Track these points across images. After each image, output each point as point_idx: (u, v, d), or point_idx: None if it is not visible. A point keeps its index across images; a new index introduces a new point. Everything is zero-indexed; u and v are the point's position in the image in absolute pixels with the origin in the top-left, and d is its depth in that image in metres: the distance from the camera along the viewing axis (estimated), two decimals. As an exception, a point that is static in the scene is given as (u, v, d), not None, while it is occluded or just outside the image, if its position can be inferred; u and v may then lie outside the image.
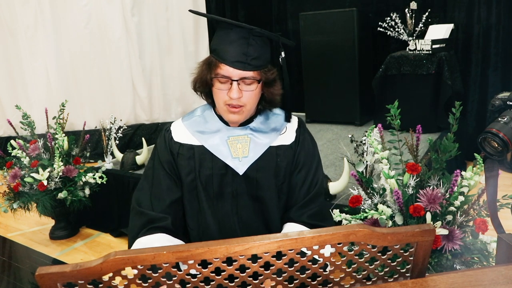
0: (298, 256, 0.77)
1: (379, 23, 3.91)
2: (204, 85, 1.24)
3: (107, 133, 3.31)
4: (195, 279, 0.76)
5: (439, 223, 1.52)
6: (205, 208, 1.25)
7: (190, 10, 1.31)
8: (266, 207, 1.25)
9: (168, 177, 1.26)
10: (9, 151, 2.78)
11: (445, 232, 1.49)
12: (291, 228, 1.23)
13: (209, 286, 0.77)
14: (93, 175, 2.85)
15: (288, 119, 1.30)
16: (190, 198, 1.27)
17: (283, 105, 1.31)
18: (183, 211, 1.28)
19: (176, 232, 1.21)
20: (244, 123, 1.28)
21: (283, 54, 1.23)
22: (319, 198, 1.30)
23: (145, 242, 1.16)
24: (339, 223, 1.62)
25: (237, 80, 1.17)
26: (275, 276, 0.79)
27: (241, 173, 1.24)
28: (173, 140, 1.28)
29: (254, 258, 0.75)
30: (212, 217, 1.25)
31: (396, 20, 3.83)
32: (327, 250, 0.77)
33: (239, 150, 1.25)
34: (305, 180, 1.28)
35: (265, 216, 1.26)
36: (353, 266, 0.81)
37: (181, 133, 1.29)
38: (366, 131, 1.86)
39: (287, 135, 1.30)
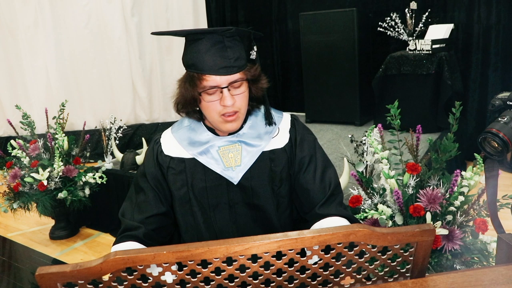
0: (298, 256, 0.77)
1: (379, 23, 3.92)
2: (190, 103, 1.19)
3: (107, 133, 3.31)
4: (195, 279, 0.76)
5: (439, 223, 1.52)
6: (200, 222, 1.22)
7: (152, 33, 1.23)
8: (265, 214, 1.22)
9: (151, 191, 1.23)
10: (9, 151, 2.79)
11: (445, 232, 1.49)
12: (330, 223, 1.17)
13: (209, 286, 0.77)
14: (93, 175, 2.85)
15: (270, 122, 1.25)
16: (183, 212, 1.24)
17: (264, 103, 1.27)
18: (165, 226, 1.25)
19: (147, 243, 1.18)
20: (234, 131, 1.24)
21: (255, 48, 1.20)
22: (338, 187, 1.26)
23: (118, 248, 1.15)
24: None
25: (226, 87, 1.13)
26: (275, 276, 0.79)
27: (235, 183, 1.21)
28: (163, 153, 1.25)
29: (254, 258, 0.75)
30: (207, 230, 1.22)
31: (396, 20, 3.83)
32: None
33: (231, 159, 1.21)
34: (315, 173, 1.24)
35: (264, 223, 1.23)
36: (353, 266, 0.81)
37: (171, 146, 1.25)
38: (366, 131, 1.86)
39: (280, 137, 1.26)
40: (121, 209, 1.27)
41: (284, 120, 1.29)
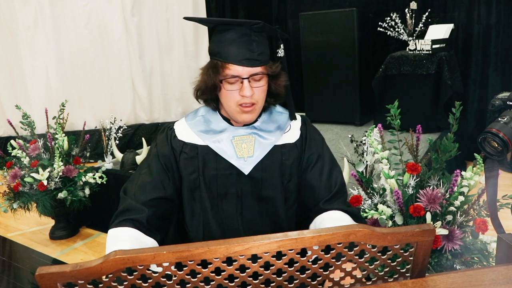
0: (298, 256, 0.77)
1: (379, 23, 3.91)
2: (211, 90, 1.22)
3: (107, 133, 3.31)
4: (195, 279, 0.76)
5: (439, 223, 1.52)
6: (208, 209, 1.24)
7: (185, 18, 1.28)
8: (272, 207, 1.24)
9: (162, 171, 1.24)
10: (9, 151, 2.78)
11: (445, 232, 1.49)
12: (330, 217, 1.18)
13: (209, 286, 0.77)
14: (93, 175, 2.85)
15: (292, 116, 1.29)
16: (191, 199, 1.25)
17: (285, 102, 1.30)
18: (168, 212, 1.25)
19: (148, 229, 1.16)
20: (249, 123, 1.27)
21: (282, 47, 1.23)
22: (343, 186, 1.28)
23: (114, 234, 1.13)
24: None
25: (247, 78, 1.16)
26: (275, 276, 0.79)
27: (246, 173, 1.23)
28: (176, 138, 1.27)
29: (254, 258, 0.75)
30: (214, 218, 1.24)
31: (396, 20, 3.83)
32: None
33: (244, 150, 1.24)
34: (322, 170, 1.26)
35: (270, 216, 1.25)
36: (353, 266, 0.81)
37: (185, 132, 1.28)
38: (366, 131, 1.86)
39: (292, 133, 1.29)
40: (123, 187, 1.26)
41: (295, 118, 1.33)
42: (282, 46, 1.23)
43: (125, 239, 1.10)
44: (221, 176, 1.23)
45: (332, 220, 1.16)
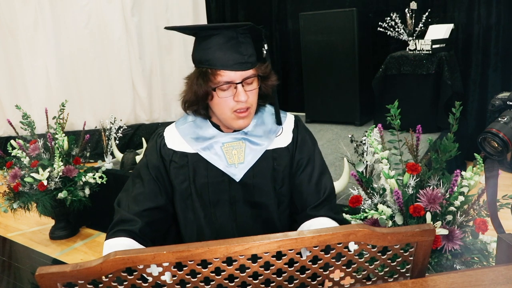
0: (298, 256, 0.77)
1: (379, 23, 3.91)
2: (202, 100, 1.18)
3: (107, 133, 3.31)
4: (195, 279, 0.76)
5: (439, 223, 1.52)
6: (201, 217, 1.22)
7: (166, 27, 1.23)
8: (266, 213, 1.23)
9: (153, 182, 1.22)
10: (9, 151, 2.79)
11: (445, 232, 1.49)
12: (317, 223, 1.19)
13: (209, 286, 0.77)
14: (93, 175, 2.86)
15: (279, 121, 1.26)
16: (183, 207, 1.24)
17: (272, 103, 1.28)
18: (162, 221, 1.24)
19: (142, 238, 1.16)
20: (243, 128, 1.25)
21: (266, 46, 1.20)
22: (332, 193, 1.27)
23: (111, 244, 1.13)
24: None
25: (240, 82, 1.14)
26: (275, 276, 0.79)
27: (237, 180, 1.21)
28: (166, 146, 1.24)
29: (254, 258, 0.75)
30: (208, 225, 1.22)
31: (396, 20, 3.83)
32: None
33: (235, 156, 1.22)
34: (311, 176, 1.24)
35: (264, 222, 1.24)
36: (353, 266, 0.81)
37: (175, 140, 1.25)
38: (366, 131, 1.86)
39: (283, 137, 1.26)
40: (117, 199, 1.26)
41: (288, 120, 1.30)
42: (266, 46, 1.20)
43: (120, 249, 1.10)
44: (212, 183, 1.21)
45: (320, 226, 1.16)
